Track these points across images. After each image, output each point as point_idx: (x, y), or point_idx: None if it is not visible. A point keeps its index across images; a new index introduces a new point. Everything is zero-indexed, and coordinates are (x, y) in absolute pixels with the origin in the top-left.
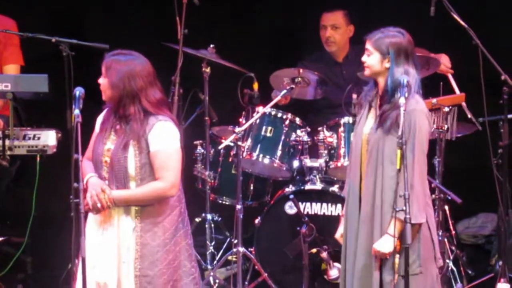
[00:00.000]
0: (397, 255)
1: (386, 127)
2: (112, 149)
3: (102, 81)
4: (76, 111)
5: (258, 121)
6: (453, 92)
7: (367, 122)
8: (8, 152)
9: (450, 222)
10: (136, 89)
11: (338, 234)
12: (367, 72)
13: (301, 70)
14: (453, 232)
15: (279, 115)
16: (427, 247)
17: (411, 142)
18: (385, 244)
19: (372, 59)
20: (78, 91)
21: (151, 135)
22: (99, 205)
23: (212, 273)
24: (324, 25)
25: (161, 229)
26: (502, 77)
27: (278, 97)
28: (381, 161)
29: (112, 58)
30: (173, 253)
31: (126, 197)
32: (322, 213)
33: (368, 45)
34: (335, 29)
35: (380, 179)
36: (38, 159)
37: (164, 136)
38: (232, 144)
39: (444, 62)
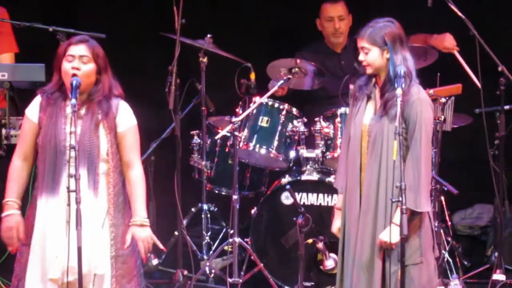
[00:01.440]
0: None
1: (392, 115)
2: (78, 132)
3: (87, 67)
4: (73, 101)
5: (255, 111)
6: (463, 70)
7: (366, 114)
8: (5, 142)
9: (446, 213)
10: (110, 72)
11: (335, 228)
12: (369, 70)
13: (298, 61)
14: (449, 223)
15: (276, 105)
16: (428, 237)
17: (418, 133)
18: (392, 234)
19: (371, 56)
20: (75, 80)
21: (119, 115)
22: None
23: (208, 263)
24: (331, 16)
25: (127, 207)
26: (499, 68)
27: (275, 88)
28: (385, 150)
29: (94, 44)
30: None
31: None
32: (318, 204)
33: (362, 43)
34: (342, 20)
35: (384, 169)
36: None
37: (130, 115)
38: (228, 134)
39: (449, 40)
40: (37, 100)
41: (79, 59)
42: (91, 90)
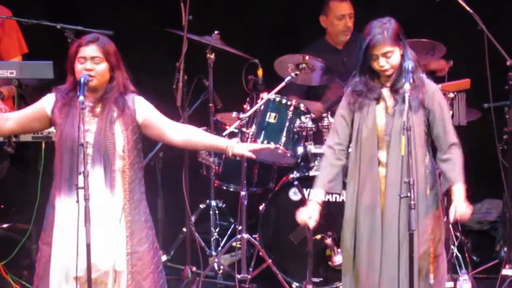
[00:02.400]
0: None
1: (415, 106)
2: (94, 129)
3: (99, 67)
4: (81, 98)
5: (262, 107)
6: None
7: (378, 115)
8: (14, 139)
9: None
10: (123, 68)
11: (308, 218)
12: (390, 72)
13: (306, 57)
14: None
15: (284, 101)
16: (444, 230)
17: (443, 119)
18: (465, 207)
19: (395, 58)
20: (83, 77)
21: (137, 109)
22: None
23: (216, 260)
24: (342, 14)
25: (143, 205)
26: (508, 63)
27: (283, 83)
28: (412, 142)
29: (104, 42)
30: (153, 229)
31: None
32: (326, 199)
33: (386, 48)
34: (351, 17)
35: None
36: (43, 145)
37: (147, 104)
38: (236, 130)
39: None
40: (53, 95)
41: (91, 60)
42: (106, 88)
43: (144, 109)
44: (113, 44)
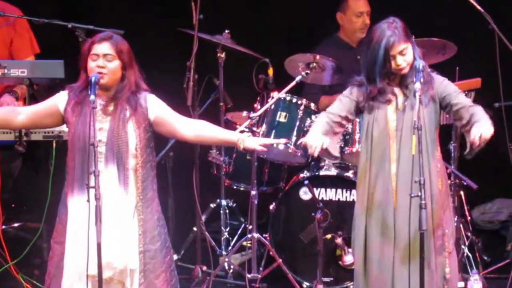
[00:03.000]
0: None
1: (426, 101)
2: (107, 128)
3: (112, 64)
4: (92, 97)
5: (273, 106)
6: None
7: (389, 112)
8: (25, 138)
9: (465, 207)
10: (136, 67)
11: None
12: (406, 70)
13: (317, 56)
14: (469, 218)
15: (294, 100)
16: (454, 228)
17: (457, 92)
18: (489, 127)
19: (409, 54)
20: (94, 76)
21: (149, 107)
22: None
23: (226, 259)
24: (361, 11)
25: (156, 203)
26: None
27: (293, 83)
28: (423, 135)
29: (117, 40)
30: (165, 227)
31: None
32: (337, 199)
33: (402, 46)
34: (368, 15)
35: (425, 157)
36: (54, 144)
37: (158, 102)
38: (246, 129)
39: None
40: (66, 93)
41: (103, 58)
42: (118, 86)
43: (156, 107)
44: (126, 42)
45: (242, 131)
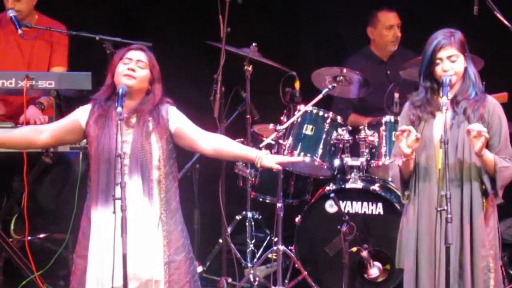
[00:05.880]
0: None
1: (474, 119)
2: (130, 140)
3: (142, 72)
4: (119, 109)
5: (299, 119)
6: None
7: (435, 128)
8: (51, 150)
9: (497, 224)
10: (161, 85)
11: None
12: (454, 79)
13: (344, 70)
14: None
15: (321, 113)
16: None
17: (500, 131)
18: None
19: (460, 64)
20: (122, 88)
21: (171, 116)
22: None
23: (252, 271)
24: (392, 24)
25: (179, 214)
26: None
27: (320, 96)
28: (468, 154)
29: (151, 54)
30: (188, 238)
31: None
32: (362, 212)
33: (452, 51)
34: (399, 27)
35: (467, 175)
36: (80, 156)
37: (179, 114)
38: (273, 142)
39: None
40: (88, 107)
41: (136, 63)
42: (143, 99)
43: (176, 119)
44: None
45: (267, 148)
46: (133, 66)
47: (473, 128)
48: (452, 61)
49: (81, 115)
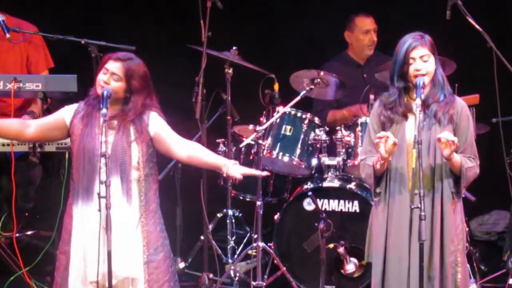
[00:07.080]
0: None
1: (444, 121)
2: (111, 141)
3: (115, 84)
4: (104, 110)
5: (278, 120)
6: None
7: (407, 130)
8: (38, 149)
9: (464, 219)
10: (148, 93)
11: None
12: (427, 80)
13: (321, 73)
14: (467, 229)
15: (299, 114)
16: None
17: (468, 131)
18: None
19: (431, 64)
20: (106, 91)
21: (151, 121)
22: None
23: (232, 267)
24: (368, 29)
25: (158, 215)
26: None
27: (298, 97)
28: (439, 156)
29: (131, 64)
30: (167, 238)
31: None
32: (339, 210)
33: (424, 51)
34: (375, 32)
35: (439, 175)
36: (66, 155)
37: (159, 120)
38: (253, 142)
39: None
40: (74, 106)
41: (110, 75)
42: (123, 107)
43: (156, 124)
44: (144, 69)
45: (247, 148)
46: (106, 79)
47: (444, 137)
48: (424, 61)
49: (67, 113)
